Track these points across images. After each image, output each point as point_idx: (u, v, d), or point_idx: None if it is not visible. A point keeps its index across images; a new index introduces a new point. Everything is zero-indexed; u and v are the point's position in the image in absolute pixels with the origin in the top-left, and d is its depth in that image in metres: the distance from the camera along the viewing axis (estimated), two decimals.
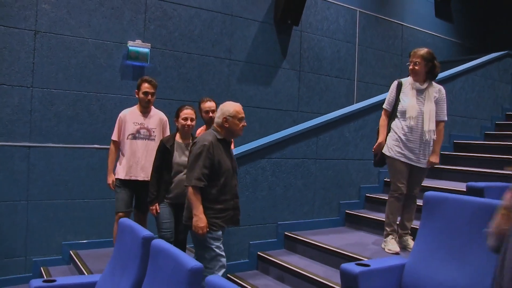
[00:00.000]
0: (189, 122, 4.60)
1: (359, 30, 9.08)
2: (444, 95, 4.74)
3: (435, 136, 4.71)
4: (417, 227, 3.71)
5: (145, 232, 3.25)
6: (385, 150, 4.77)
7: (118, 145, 5.11)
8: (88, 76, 6.15)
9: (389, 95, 4.86)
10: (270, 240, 5.41)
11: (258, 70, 7.63)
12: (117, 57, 6.34)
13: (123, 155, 5.07)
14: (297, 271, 4.63)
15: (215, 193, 3.90)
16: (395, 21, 9.81)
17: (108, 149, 5.27)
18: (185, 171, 4.47)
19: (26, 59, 5.76)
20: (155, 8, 6.61)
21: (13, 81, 5.70)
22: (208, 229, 3.84)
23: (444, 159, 7.15)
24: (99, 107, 6.17)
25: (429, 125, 4.62)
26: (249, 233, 5.22)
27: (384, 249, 4.70)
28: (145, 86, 5.01)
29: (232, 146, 5.33)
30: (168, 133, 5.14)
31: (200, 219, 3.79)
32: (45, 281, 3.52)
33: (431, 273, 3.33)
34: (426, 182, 6.02)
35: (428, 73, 4.64)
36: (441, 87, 4.78)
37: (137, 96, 5.09)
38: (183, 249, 4.68)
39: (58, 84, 5.97)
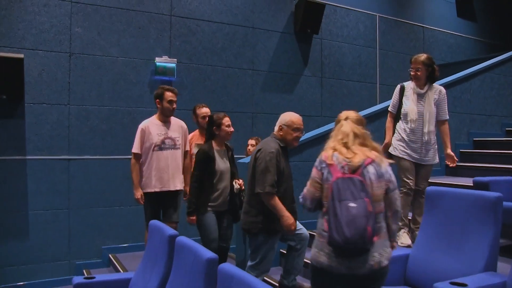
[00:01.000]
0: (232, 129, 4.81)
1: (379, 35, 9.35)
2: (445, 95, 4.97)
3: (435, 136, 4.98)
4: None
5: (170, 231, 3.64)
6: (391, 150, 5.06)
7: (140, 157, 5.09)
8: (119, 92, 6.65)
9: (393, 99, 5.16)
10: None
11: (281, 78, 8.00)
12: (146, 73, 6.82)
13: (149, 167, 5.06)
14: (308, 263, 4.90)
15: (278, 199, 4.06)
16: (415, 23, 10.03)
17: None
18: (227, 176, 4.77)
19: (63, 79, 6.29)
20: (179, 25, 7.07)
21: (52, 100, 6.23)
22: (267, 234, 4.10)
23: (463, 156, 7.35)
24: (131, 120, 6.63)
25: (428, 126, 4.90)
26: None
27: (397, 242, 4.98)
28: (169, 95, 5.05)
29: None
30: (188, 140, 5.31)
31: (288, 217, 4.00)
32: (85, 278, 3.94)
33: (432, 261, 3.62)
34: (442, 179, 6.24)
35: (428, 77, 4.91)
36: (442, 88, 5.01)
37: (158, 106, 5.09)
38: (226, 255, 4.92)
39: (92, 100, 6.48)
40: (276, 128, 4.24)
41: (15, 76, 5.80)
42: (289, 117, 4.25)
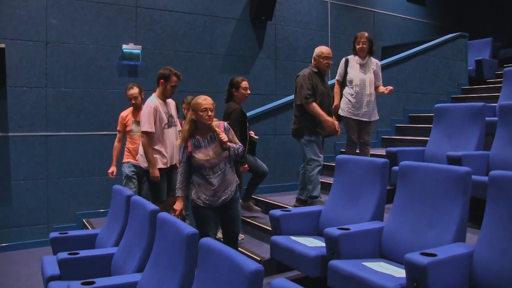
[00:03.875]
0: (249, 91, 5.73)
1: (331, 20, 10.19)
2: (380, 66, 6.32)
3: (374, 97, 6.20)
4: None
5: (128, 192, 4.57)
6: (340, 112, 6.13)
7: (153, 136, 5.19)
8: (91, 76, 7.46)
9: (340, 69, 6.23)
10: None
11: (237, 61, 8.85)
12: (114, 58, 7.64)
13: (164, 144, 5.25)
14: (252, 223, 5.91)
15: None
16: (366, 8, 10.87)
17: (109, 135, 6.06)
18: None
19: (40, 65, 7.09)
20: (144, 15, 7.89)
21: (31, 83, 7.04)
22: (309, 134, 5.51)
23: (398, 130, 8.30)
24: (102, 100, 7.48)
25: (370, 89, 6.07)
26: None
27: None
28: (174, 80, 5.29)
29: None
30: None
31: (327, 120, 5.45)
32: (60, 233, 4.85)
33: (337, 215, 4.54)
34: (374, 150, 7.14)
35: (369, 50, 6.12)
36: (377, 61, 6.34)
37: (161, 86, 5.28)
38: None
39: (67, 83, 7.29)
40: (312, 59, 5.69)
41: None
42: (319, 49, 5.65)
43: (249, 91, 5.70)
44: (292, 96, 7.27)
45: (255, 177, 5.94)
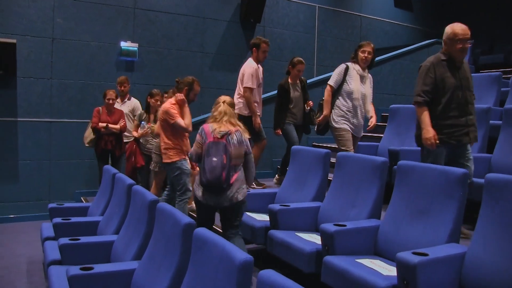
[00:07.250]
0: (299, 73, 6.74)
1: (318, 23, 10.97)
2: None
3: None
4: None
5: (114, 170, 5.43)
6: (332, 123, 5.70)
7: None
8: (92, 70, 8.34)
9: (337, 76, 5.64)
10: None
11: (226, 60, 9.67)
12: (113, 54, 8.51)
13: (255, 101, 6.39)
14: None
15: (441, 110, 4.17)
16: (353, 13, 11.61)
17: None
18: (300, 101, 6.73)
19: (46, 59, 7.96)
20: (141, 15, 8.74)
21: (38, 75, 7.91)
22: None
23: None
24: (100, 92, 8.19)
25: (367, 105, 5.75)
26: None
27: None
28: (264, 47, 6.49)
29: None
30: None
31: (427, 131, 4.15)
32: (57, 204, 5.71)
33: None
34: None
35: (370, 63, 5.71)
36: (371, 77, 5.94)
37: (254, 53, 6.47)
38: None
39: (70, 76, 8.16)
40: (443, 42, 4.25)
41: (9, 56, 7.41)
42: (451, 29, 4.17)
43: (299, 70, 6.81)
44: (271, 92, 8.14)
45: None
